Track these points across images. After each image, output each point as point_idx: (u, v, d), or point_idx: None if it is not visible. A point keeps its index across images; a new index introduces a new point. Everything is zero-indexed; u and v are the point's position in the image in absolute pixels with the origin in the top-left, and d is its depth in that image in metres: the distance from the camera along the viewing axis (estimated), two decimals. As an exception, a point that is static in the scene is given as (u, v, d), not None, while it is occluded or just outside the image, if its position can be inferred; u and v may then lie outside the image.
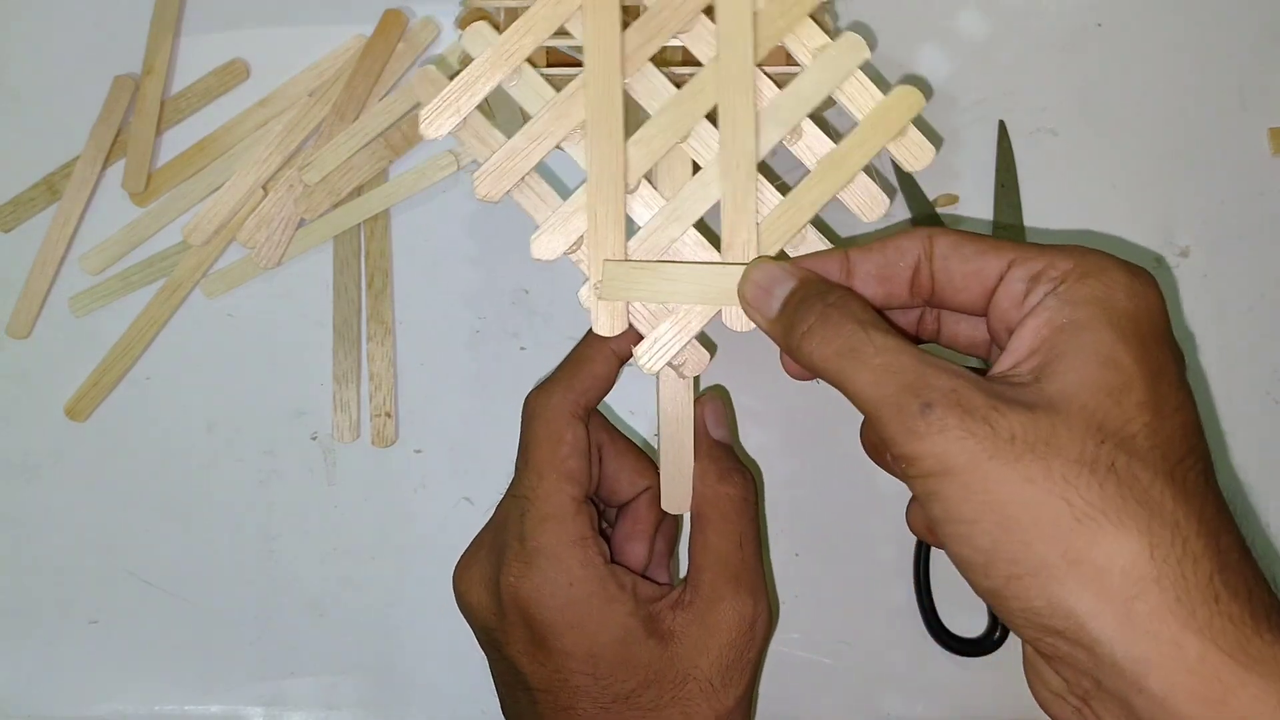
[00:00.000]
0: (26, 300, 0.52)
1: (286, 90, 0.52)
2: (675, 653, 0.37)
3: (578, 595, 0.37)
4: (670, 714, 0.37)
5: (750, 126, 0.37)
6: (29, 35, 0.53)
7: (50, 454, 0.52)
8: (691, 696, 0.37)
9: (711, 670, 0.37)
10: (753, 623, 0.37)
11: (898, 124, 0.37)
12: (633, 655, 0.37)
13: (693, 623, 0.38)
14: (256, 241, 0.51)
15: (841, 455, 0.51)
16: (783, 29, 0.37)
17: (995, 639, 0.49)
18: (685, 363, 0.39)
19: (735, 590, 0.38)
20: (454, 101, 0.38)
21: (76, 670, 0.52)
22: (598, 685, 0.37)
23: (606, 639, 0.37)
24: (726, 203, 0.37)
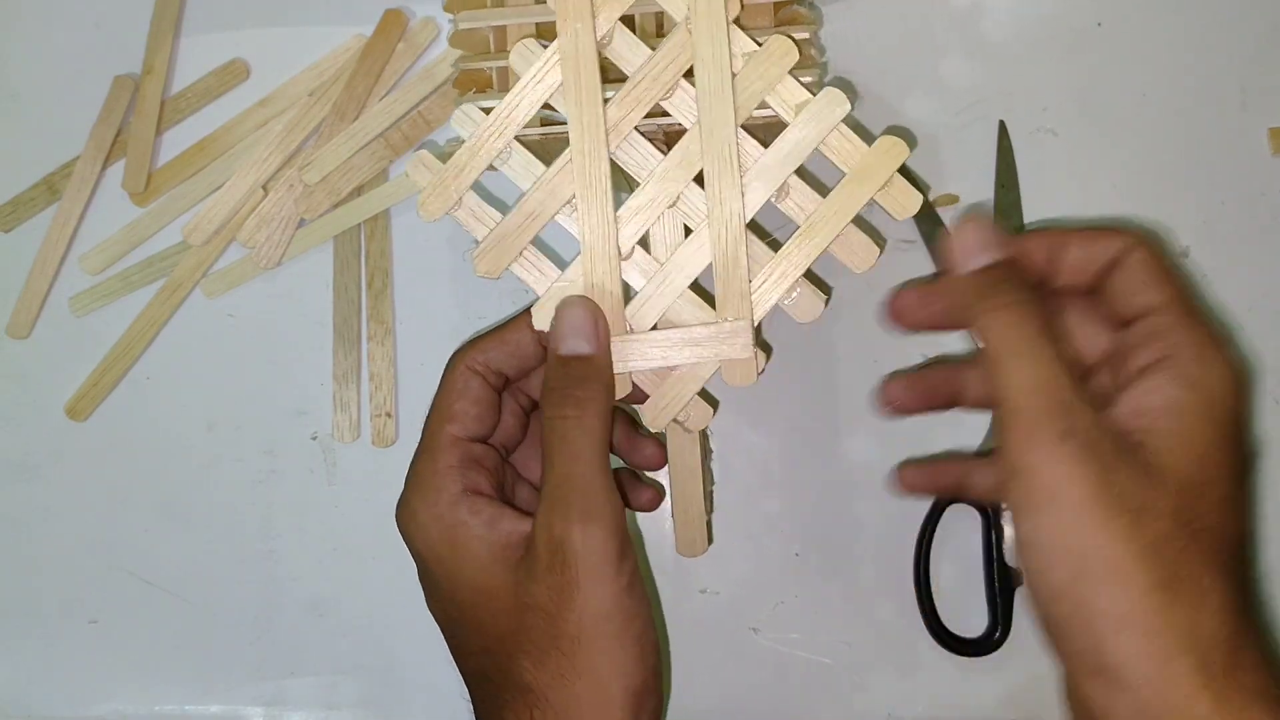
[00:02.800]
0: (26, 300, 0.52)
1: (286, 90, 0.52)
2: (515, 581, 0.37)
3: (434, 520, 0.38)
4: (520, 643, 0.37)
5: (736, 188, 0.38)
6: (29, 35, 0.53)
7: (50, 454, 0.52)
8: (530, 626, 0.36)
9: (542, 597, 0.36)
10: (561, 540, 0.36)
11: (883, 175, 0.38)
12: (482, 585, 0.38)
13: (528, 550, 0.37)
14: (256, 241, 0.51)
15: (841, 456, 0.51)
16: (762, 89, 0.38)
17: (995, 639, 0.49)
18: (690, 418, 0.40)
19: (544, 511, 0.37)
20: (448, 185, 0.39)
21: (76, 670, 0.52)
22: (457, 615, 0.38)
23: (458, 569, 0.38)
24: (718, 264, 0.38)
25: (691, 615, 0.51)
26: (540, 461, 0.39)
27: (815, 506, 0.51)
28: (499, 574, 0.37)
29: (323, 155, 0.51)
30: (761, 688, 0.51)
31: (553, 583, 0.36)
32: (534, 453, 0.43)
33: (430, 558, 0.39)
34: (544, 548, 0.36)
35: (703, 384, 0.39)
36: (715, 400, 0.41)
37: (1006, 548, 0.50)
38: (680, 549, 0.43)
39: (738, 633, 0.51)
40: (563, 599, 0.36)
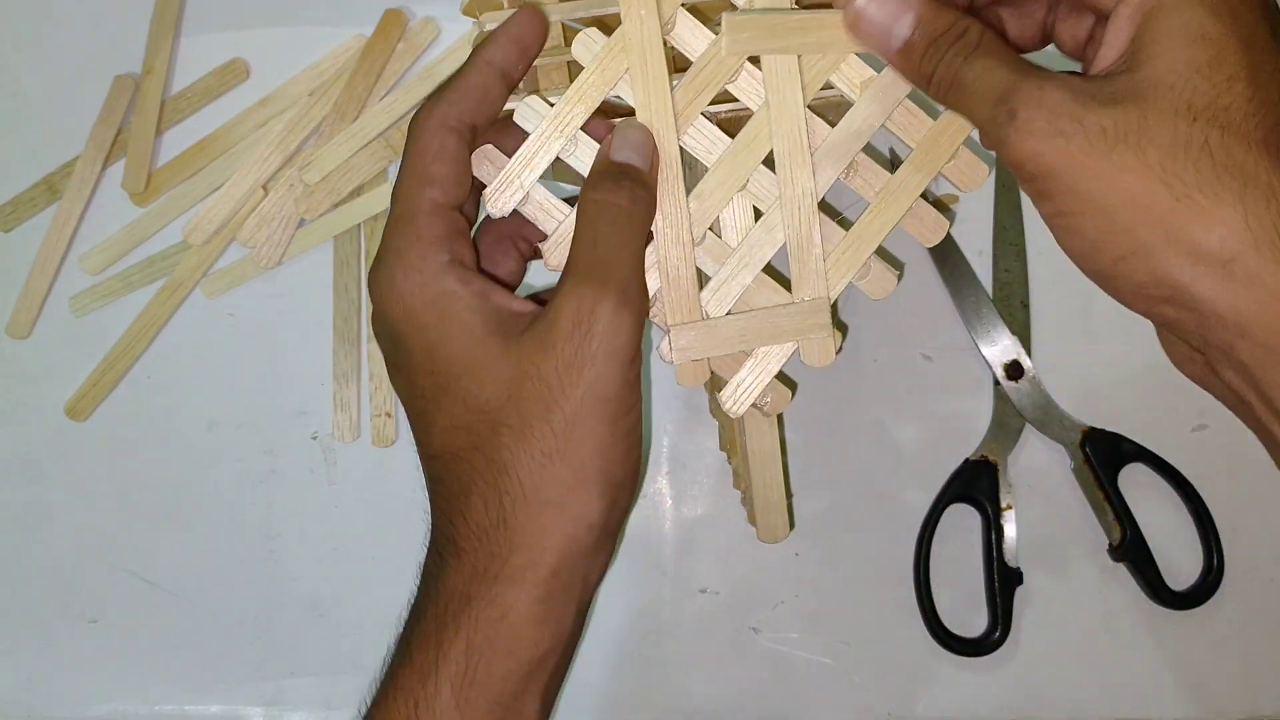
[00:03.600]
0: (26, 300, 0.52)
1: (286, 90, 0.52)
2: (517, 351, 0.35)
3: (417, 288, 0.36)
4: (510, 414, 0.35)
5: (807, 168, 0.38)
6: (29, 35, 0.53)
7: (50, 454, 0.52)
8: (527, 397, 0.34)
9: (547, 367, 0.34)
10: (590, 311, 0.34)
11: (950, 147, 0.38)
12: (466, 354, 0.35)
13: (536, 322, 0.35)
14: (256, 241, 0.52)
15: (841, 456, 0.51)
16: (827, 67, 0.38)
17: (995, 639, 0.49)
18: (768, 402, 0.40)
19: (575, 283, 0.35)
20: (515, 178, 0.38)
21: (76, 670, 0.52)
22: (435, 384, 0.36)
23: (441, 337, 0.36)
24: (792, 244, 0.38)
25: (691, 615, 0.51)
26: (504, 261, 0.39)
27: (815, 506, 0.51)
28: (494, 345, 0.35)
29: (323, 155, 0.51)
30: (761, 688, 0.51)
31: (567, 355, 0.34)
32: (496, 254, 0.41)
33: (409, 329, 0.36)
34: (569, 317, 0.34)
35: (782, 365, 0.39)
36: (794, 382, 0.41)
37: (1007, 548, 0.50)
38: (762, 535, 0.42)
39: (738, 633, 0.51)
40: (571, 374, 0.34)
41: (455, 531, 0.35)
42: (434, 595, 0.35)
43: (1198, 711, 0.50)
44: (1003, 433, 0.51)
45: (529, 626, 0.34)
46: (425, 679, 0.34)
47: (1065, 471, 0.51)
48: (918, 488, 0.51)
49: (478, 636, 0.34)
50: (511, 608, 0.34)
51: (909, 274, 0.51)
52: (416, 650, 0.35)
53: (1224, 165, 0.29)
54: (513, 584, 0.34)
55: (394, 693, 0.34)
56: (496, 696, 0.34)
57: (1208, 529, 0.49)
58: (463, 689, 0.33)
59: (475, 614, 0.34)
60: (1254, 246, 0.29)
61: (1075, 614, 0.51)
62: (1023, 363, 0.50)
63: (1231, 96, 0.30)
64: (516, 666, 0.34)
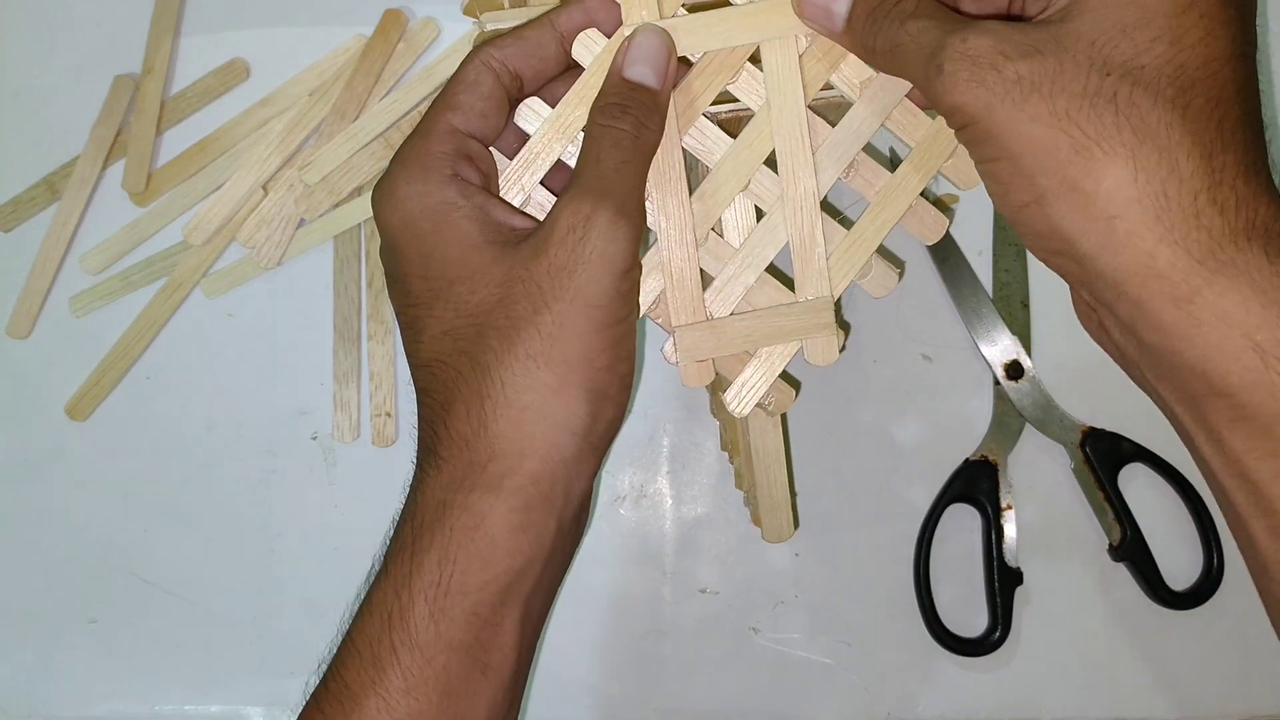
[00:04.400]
0: (26, 300, 0.52)
1: (286, 90, 0.52)
2: (514, 257, 0.35)
3: (417, 196, 0.36)
4: (498, 318, 0.34)
5: (809, 167, 0.38)
6: (29, 35, 0.53)
7: (50, 454, 0.52)
8: (517, 298, 0.34)
9: (539, 270, 0.34)
10: (585, 220, 0.34)
11: (948, 147, 0.38)
12: (463, 260, 0.35)
13: (535, 232, 0.36)
14: (256, 241, 0.52)
15: (841, 456, 0.51)
16: (827, 68, 0.38)
17: (995, 639, 0.49)
18: (772, 402, 0.40)
19: (572, 195, 0.35)
20: (518, 180, 0.38)
21: (76, 670, 0.52)
22: (428, 290, 0.36)
23: (438, 244, 0.36)
24: (795, 244, 0.38)
25: (691, 615, 0.51)
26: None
27: (815, 506, 0.51)
28: (489, 252, 0.35)
29: (323, 155, 0.51)
30: (761, 688, 0.51)
31: (559, 259, 0.34)
32: None
33: (406, 236, 0.36)
34: (565, 223, 0.34)
35: (786, 365, 0.39)
36: (798, 382, 0.41)
37: (1007, 548, 0.50)
38: (767, 536, 0.43)
39: (738, 633, 0.51)
40: (562, 277, 0.34)
41: (437, 441, 0.35)
42: (412, 507, 0.35)
43: (1198, 711, 0.50)
44: (1003, 433, 0.51)
45: (506, 535, 0.33)
46: (399, 591, 0.33)
47: (1065, 471, 0.51)
48: (918, 488, 0.51)
49: (452, 545, 0.33)
50: (487, 516, 0.33)
51: (909, 274, 0.51)
52: (391, 563, 0.34)
53: (1126, 117, 0.29)
54: (490, 491, 0.33)
55: (368, 607, 0.34)
56: (473, 607, 0.33)
57: (1208, 529, 0.49)
58: (437, 599, 0.33)
59: (450, 523, 0.33)
60: (1137, 202, 0.29)
61: (1075, 614, 0.51)
62: (1023, 363, 0.50)
63: (1150, 56, 0.30)
64: (493, 577, 0.33)
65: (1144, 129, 0.29)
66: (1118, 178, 0.29)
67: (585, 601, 0.51)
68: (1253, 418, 0.29)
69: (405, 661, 0.33)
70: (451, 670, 0.33)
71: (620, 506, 0.52)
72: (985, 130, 0.31)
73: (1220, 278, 0.28)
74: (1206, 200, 0.29)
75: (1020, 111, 0.30)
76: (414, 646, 0.33)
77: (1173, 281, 0.29)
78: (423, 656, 0.33)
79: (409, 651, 0.33)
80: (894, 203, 0.39)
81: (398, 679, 0.32)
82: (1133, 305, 0.30)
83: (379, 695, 0.32)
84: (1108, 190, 0.29)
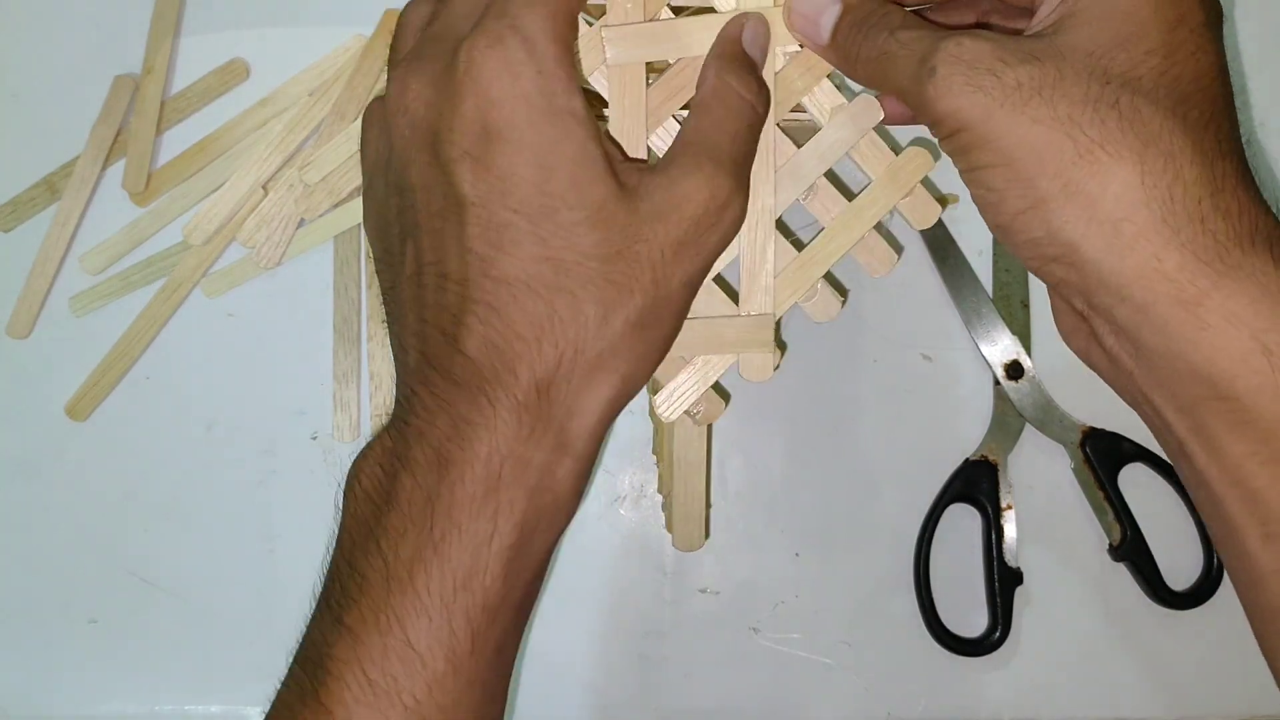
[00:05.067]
0: (26, 300, 0.52)
1: (286, 90, 0.52)
2: (633, 206, 0.33)
3: (542, 91, 0.32)
4: (611, 270, 0.32)
5: (770, 183, 0.38)
6: (29, 35, 0.53)
7: (50, 454, 0.52)
8: (636, 258, 0.33)
9: (665, 240, 0.33)
10: (724, 204, 0.34)
11: (908, 183, 0.39)
12: (586, 186, 0.33)
13: (660, 187, 0.34)
14: (256, 241, 0.51)
15: (841, 456, 0.51)
16: (801, 89, 0.38)
17: (995, 639, 0.49)
18: (701, 411, 0.40)
19: (715, 169, 0.34)
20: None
21: (76, 670, 0.52)
22: (541, 204, 0.32)
23: (562, 155, 0.32)
24: (745, 258, 0.38)
25: (691, 615, 0.51)
26: None
27: (815, 506, 0.51)
28: (613, 189, 0.33)
29: (323, 155, 0.51)
30: (761, 688, 0.51)
31: (688, 236, 0.33)
32: None
33: (528, 133, 0.32)
34: (703, 200, 0.33)
35: (719, 376, 0.39)
36: (727, 394, 0.41)
37: (1007, 548, 0.50)
38: (677, 543, 0.43)
39: (738, 633, 0.51)
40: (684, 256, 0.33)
41: (515, 379, 0.32)
42: (479, 449, 0.32)
43: (1198, 711, 0.50)
44: (1003, 433, 0.51)
45: (570, 500, 0.33)
46: (478, 550, 0.31)
47: (1065, 471, 0.51)
48: (917, 488, 0.51)
49: (532, 509, 0.32)
50: (562, 481, 0.33)
51: (909, 274, 0.51)
52: (465, 516, 0.31)
53: (1130, 123, 0.30)
54: (565, 454, 0.33)
55: (438, 560, 0.31)
56: (534, 568, 0.33)
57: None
58: (512, 561, 0.32)
59: (530, 483, 0.32)
60: (1145, 205, 0.29)
61: (1075, 614, 0.51)
62: (1023, 363, 0.50)
63: (1146, 69, 0.30)
64: (552, 539, 0.34)
65: (1148, 134, 0.29)
66: (1125, 180, 0.29)
67: (586, 601, 0.51)
68: (1255, 421, 0.29)
69: (476, 624, 0.31)
70: (507, 629, 0.33)
71: (620, 506, 0.52)
72: (980, 136, 0.31)
73: (1228, 280, 0.29)
74: (1210, 205, 0.29)
75: (1020, 115, 0.30)
76: (486, 609, 0.32)
77: (1180, 284, 0.29)
78: (490, 618, 0.32)
79: (481, 614, 0.32)
80: (847, 231, 0.39)
81: (466, 642, 0.31)
82: (1136, 309, 0.30)
83: (448, 660, 0.31)
84: (1115, 193, 0.29)
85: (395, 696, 0.31)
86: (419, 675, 0.31)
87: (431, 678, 0.31)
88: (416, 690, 0.31)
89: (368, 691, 0.31)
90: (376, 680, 0.31)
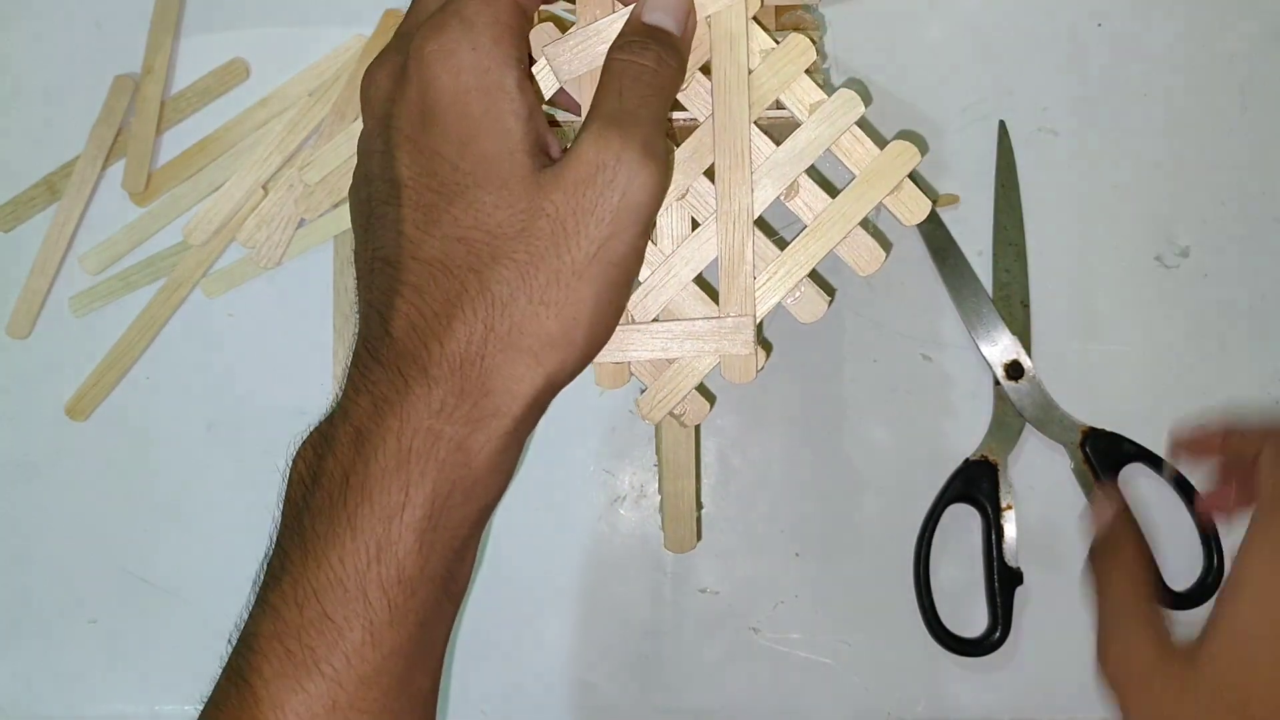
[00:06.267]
0: (26, 300, 0.52)
1: (286, 90, 0.52)
2: (538, 181, 0.33)
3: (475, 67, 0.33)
4: (515, 247, 0.33)
5: (746, 184, 0.38)
6: (29, 35, 0.53)
7: (50, 454, 0.52)
8: (539, 234, 0.33)
9: (564, 210, 0.33)
10: (614, 160, 0.33)
11: (894, 179, 0.38)
12: (497, 163, 0.33)
13: (562, 160, 0.34)
14: (256, 241, 0.52)
15: (842, 457, 0.51)
16: (777, 87, 0.38)
17: (995, 639, 0.49)
18: (686, 413, 0.40)
19: (601, 126, 0.33)
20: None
21: (76, 670, 0.52)
22: (456, 181, 0.33)
23: (482, 132, 0.33)
24: (724, 260, 0.38)
25: (691, 615, 0.51)
26: None
27: (815, 506, 0.51)
28: (525, 165, 0.33)
29: (323, 155, 0.51)
30: (761, 688, 0.51)
31: (587, 202, 0.33)
32: None
33: (454, 109, 0.33)
34: (591, 160, 0.33)
35: (701, 378, 0.39)
36: (713, 396, 0.41)
37: (1007, 547, 0.50)
38: (669, 545, 0.43)
39: (738, 633, 0.51)
40: (588, 224, 0.33)
41: (428, 356, 0.33)
42: (391, 423, 0.32)
43: (1198, 711, 0.50)
44: (1003, 433, 0.51)
45: (487, 473, 0.33)
46: (389, 522, 0.32)
47: (1065, 471, 0.51)
48: (918, 488, 0.51)
49: (443, 480, 0.32)
50: (477, 454, 0.33)
51: (909, 274, 0.51)
52: (377, 489, 0.32)
53: None
54: (480, 428, 0.33)
55: (351, 534, 0.32)
56: (451, 542, 0.33)
57: (1208, 529, 0.49)
58: (426, 533, 0.32)
59: (442, 456, 0.32)
60: None
61: (1075, 614, 0.51)
62: (1023, 363, 0.50)
63: None
64: (471, 513, 0.33)
65: None
66: None
67: (585, 601, 0.51)
68: None
69: (392, 595, 0.32)
70: (428, 601, 0.33)
71: (620, 506, 0.52)
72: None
73: None
74: None
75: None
76: (401, 580, 0.32)
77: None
78: (408, 590, 0.32)
79: (396, 585, 0.32)
80: (831, 230, 0.38)
81: (384, 612, 0.32)
82: None
83: (365, 629, 0.32)
84: None
85: (313, 666, 0.31)
86: (336, 646, 0.31)
87: (349, 648, 0.31)
88: (334, 660, 0.31)
89: (287, 663, 0.32)
90: (295, 652, 0.32)
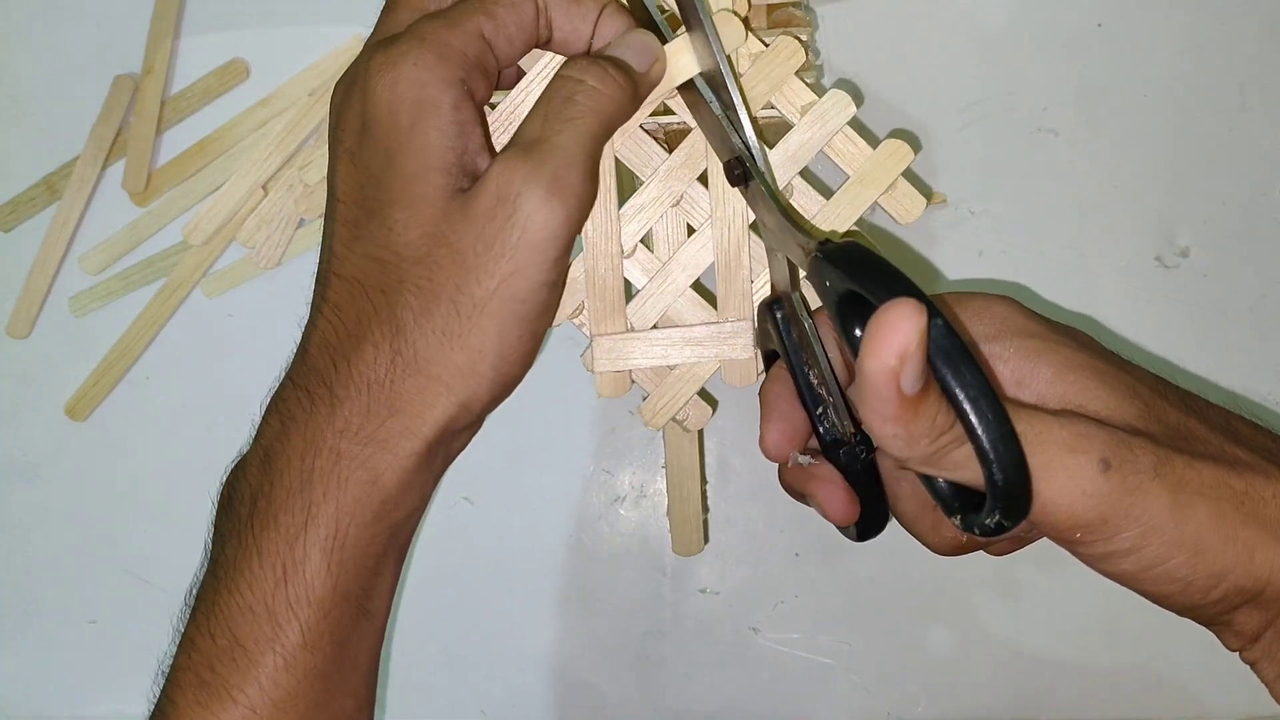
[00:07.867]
0: (26, 300, 0.52)
1: (286, 90, 0.52)
2: (449, 208, 0.32)
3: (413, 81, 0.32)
4: (419, 273, 0.32)
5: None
6: (29, 35, 0.53)
7: (50, 454, 0.52)
8: (439, 264, 0.32)
9: (465, 241, 0.32)
10: (513, 195, 0.31)
11: (888, 178, 0.38)
12: (413, 182, 0.32)
13: (471, 188, 0.33)
14: (256, 241, 0.51)
15: (841, 455, 0.51)
16: (768, 89, 0.38)
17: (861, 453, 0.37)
18: (688, 418, 0.40)
19: (507, 159, 0.32)
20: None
21: (76, 670, 0.52)
22: (377, 198, 0.33)
23: (406, 148, 0.32)
24: (720, 264, 0.38)
25: (691, 615, 0.51)
26: None
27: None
28: (435, 185, 0.32)
29: (322, 155, 0.51)
30: (761, 688, 0.51)
31: (487, 235, 0.32)
32: None
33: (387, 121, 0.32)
34: (491, 194, 0.32)
35: (702, 383, 0.39)
36: (714, 400, 0.41)
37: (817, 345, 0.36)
38: (676, 548, 0.43)
39: (738, 633, 0.51)
40: (489, 259, 0.32)
41: (334, 375, 0.33)
42: (296, 443, 0.32)
43: (1197, 711, 0.50)
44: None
45: (397, 492, 0.33)
46: (293, 543, 0.32)
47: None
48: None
49: (348, 500, 0.32)
50: (383, 473, 0.32)
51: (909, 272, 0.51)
52: (281, 511, 0.32)
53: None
54: (386, 449, 0.32)
55: (258, 557, 0.32)
56: (363, 560, 0.33)
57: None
58: (332, 552, 0.32)
59: (345, 475, 0.32)
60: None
61: (1075, 614, 0.51)
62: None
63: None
64: (382, 530, 0.33)
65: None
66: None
67: (585, 601, 0.51)
68: None
69: (303, 617, 0.32)
70: (343, 621, 0.33)
71: (620, 506, 0.52)
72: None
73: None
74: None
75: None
76: (311, 601, 0.32)
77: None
78: (320, 610, 0.32)
79: (306, 606, 0.32)
80: (825, 231, 0.38)
81: (295, 635, 0.32)
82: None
83: (277, 653, 0.31)
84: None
85: (226, 695, 0.31)
86: (249, 673, 0.31)
87: (263, 674, 0.31)
88: (247, 688, 0.31)
89: (201, 693, 0.32)
90: (209, 681, 0.32)
